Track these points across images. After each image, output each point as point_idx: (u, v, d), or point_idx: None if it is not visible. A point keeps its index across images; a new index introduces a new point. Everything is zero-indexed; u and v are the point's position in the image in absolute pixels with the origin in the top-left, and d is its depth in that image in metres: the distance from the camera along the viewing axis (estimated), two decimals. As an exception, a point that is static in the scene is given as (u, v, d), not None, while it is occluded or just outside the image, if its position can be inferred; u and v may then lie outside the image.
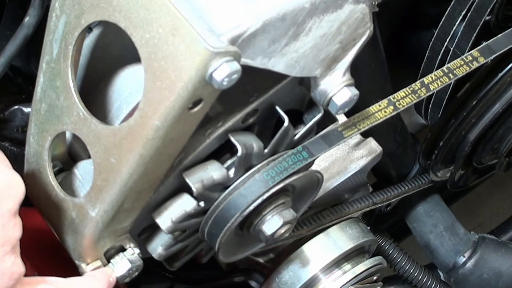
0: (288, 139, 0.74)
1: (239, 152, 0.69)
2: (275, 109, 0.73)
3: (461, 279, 1.18)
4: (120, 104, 0.71)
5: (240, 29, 0.60)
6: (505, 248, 1.19)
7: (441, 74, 0.81)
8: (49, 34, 0.67)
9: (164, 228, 0.71)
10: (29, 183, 0.75)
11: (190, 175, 0.69)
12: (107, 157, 0.65)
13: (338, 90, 0.70)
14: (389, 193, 1.09)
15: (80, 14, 0.64)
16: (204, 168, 0.70)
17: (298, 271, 1.00)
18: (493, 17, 1.00)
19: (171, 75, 0.58)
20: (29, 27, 0.79)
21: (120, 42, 0.71)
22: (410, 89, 0.79)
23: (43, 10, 0.78)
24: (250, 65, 0.62)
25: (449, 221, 1.21)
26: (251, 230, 0.77)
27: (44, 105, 0.69)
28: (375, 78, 1.02)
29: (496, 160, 1.16)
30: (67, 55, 0.66)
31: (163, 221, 0.71)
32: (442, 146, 1.05)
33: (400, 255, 1.18)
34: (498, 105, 1.02)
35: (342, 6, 0.66)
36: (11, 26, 0.94)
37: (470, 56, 0.84)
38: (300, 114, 0.76)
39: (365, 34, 0.70)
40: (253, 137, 0.72)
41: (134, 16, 0.60)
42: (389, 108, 0.78)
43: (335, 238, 1.02)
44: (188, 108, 0.60)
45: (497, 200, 2.01)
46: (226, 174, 0.71)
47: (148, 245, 0.76)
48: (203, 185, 0.69)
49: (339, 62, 0.70)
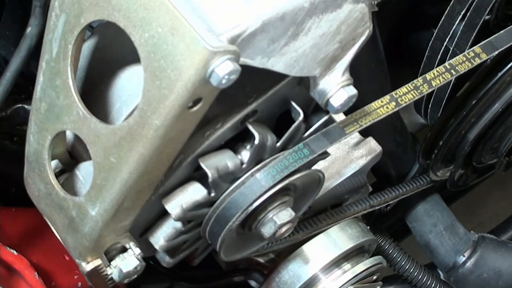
0: (299, 135, 0.75)
1: (257, 140, 0.70)
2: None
3: (461, 279, 1.18)
4: (120, 105, 0.71)
5: (239, 29, 0.60)
6: (505, 247, 1.19)
7: (443, 70, 0.81)
8: (48, 33, 0.67)
9: (173, 214, 0.71)
10: (29, 182, 0.75)
11: (206, 161, 0.70)
12: (107, 156, 0.65)
13: (336, 91, 0.70)
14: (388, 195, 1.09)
15: (80, 13, 0.64)
16: (219, 155, 0.71)
17: (298, 270, 1.00)
18: (492, 16, 1.00)
19: (171, 74, 0.59)
20: (32, 38, 0.79)
21: (120, 43, 0.71)
22: (412, 85, 0.79)
23: (45, 18, 0.78)
24: (249, 65, 0.62)
25: (449, 221, 1.21)
26: (253, 229, 0.78)
27: (44, 104, 0.70)
28: (374, 77, 1.02)
29: (495, 159, 1.16)
30: (66, 54, 0.66)
31: (173, 207, 0.71)
32: (442, 145, 1.05)
33: (400, 255, 1.18)
34: (498, 105, 1.02)
35: (341, 5, 0.66)
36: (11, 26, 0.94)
37: (472, 52, 0.83)
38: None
39: (365, 34, 0.70)
40: (268, 129, 0.73)
41: (133, 16, 0.60)
42: (391, 104, 0.77)
43: (335, 238, 1.02)
44: (188, 107, 0.60)
45: (497, 200, 2.01)
46: (240, 164, 0.72)
47: (150, 237, 0.76)
48: (218, 172, 0.70)
49: (339, 62, 0.70)
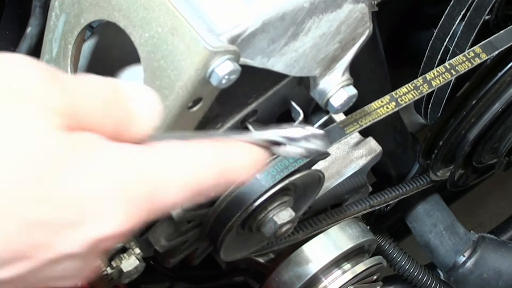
0: None
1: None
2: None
3: (461, 279, 1.18)
4: (120, 105, 0.71)
5: (239, 29, 0.60)
6: (505, 247, 1.19)
7: (443, 70, 0.81)
8: (48, 33, 0.67)
9: (174, 214, 0.71)
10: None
11: None
12: (106, 156, 0.65)
13: (336, 91, 0.70)
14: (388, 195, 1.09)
15: (80, 13, 0.64)
16: None
17: (298, 270, 1.00)
18: (492, 16, 1.00)
19: (171, 74, 0.59)
20: (32, 37, 0.79)
21: (120, 43, 0.71)
22: (412, 85, 0.79)
23: (45, 18, 0.78)
24: (249, 65, 0.62)
25: (449, 221, 1.20)
26: (253, 229, 0.78)
27: (43, 105, 0.70)
28: (374, 77, 1.02)
29: (495, 159, 1.16)
30: (66, 54, 0.66)
31: None
32: (442, 145, 1.05)
33: (400, 255, 1.18)
34: (498, 105, 1.02)
35: (341, 5, 0.66)
36: (11, 26, 0.94)
37: (472, 52, 0.83)
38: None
39: (365, 34, 0.70)
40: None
41: (133, 16, 0.60)
42: (391, 104, 0.77)
43: (335, 238, 1.02)
44: (188, 107, 0.60)
45: (497, 200, 2.00)
46: None
47: (150, 237, 0.76)
48: None
49: (339, 62, 0.70)
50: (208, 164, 0.45)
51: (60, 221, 0.39)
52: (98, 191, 0.40)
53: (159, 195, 0.43)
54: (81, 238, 0.40)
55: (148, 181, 0.42)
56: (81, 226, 0.40)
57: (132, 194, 0.42)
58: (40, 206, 0.38)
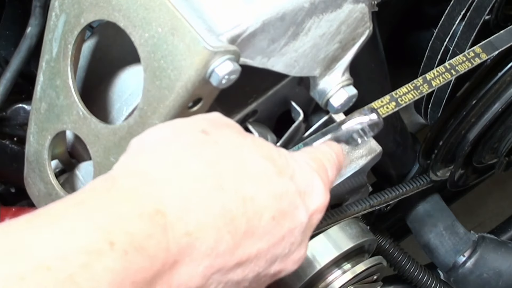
0: (299, 135, 0.75)
1: None
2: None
3: (461, 279, 1.18)
4: (120, 105, 0.71)
5: (239, 29, 0.60)
6: (505, 247, 1.19)
7: (443, 70, 0.81)
8: (48, 33, 0.67)
9: None
10: (29, 182, 0.75)
11: None
12: (106, 156, 0.65)
13: (336, 91, 0.70)
14: (388, 195, 1.09)
15: (80, 13, 0.64)
16: None
17: (298, 270, 1.00)
18: (492, 16, 1.00)
19: (171, 74, 0.59)
20: (32, 37, 0.79)
21: (120, 43, 0.71)
22: (412, 85, 0.79)
23: (45, 18, 0.78)
24: (249, 65, 0.62)
25: (449, 221, 1.20)
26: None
27: (44, 104, 0.70)
28: (374, 77, 1.02)
29: (495, 159, 1.16)
30: (66, 54, 0.66)
31: None
32: (442, 145, 1.05)
33: (400, 255, 1.18)
34: (498, 105, 1.02)
35: (341, 5, 0.66)
36: (11, 26, 0.94)
37: (472, 52, 0.83)
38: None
39: (365, 34, 0.70)
40: (268, 129, 0.73)
41: (133, 16, 0.60)
42: (391, 104, 0.77)
43: (335, 238, 1.02)
44: (188, 107, 0.60)
45: (497, 200, 2.00)
46: None
47: None
48: None
49: (339, 62, 0.70)
50: (341, 154, 0.65)
51: (295, 197, 0.54)
52: (309, 174, 0.57)
53: (333, 176, 0.62)
54: (306, 211, 0.55)
55: (337, 166, 0.63)
56: (307, 198, 0.55)
57: (325, 175, 0.60)
58: (284, 186, 0.54)
